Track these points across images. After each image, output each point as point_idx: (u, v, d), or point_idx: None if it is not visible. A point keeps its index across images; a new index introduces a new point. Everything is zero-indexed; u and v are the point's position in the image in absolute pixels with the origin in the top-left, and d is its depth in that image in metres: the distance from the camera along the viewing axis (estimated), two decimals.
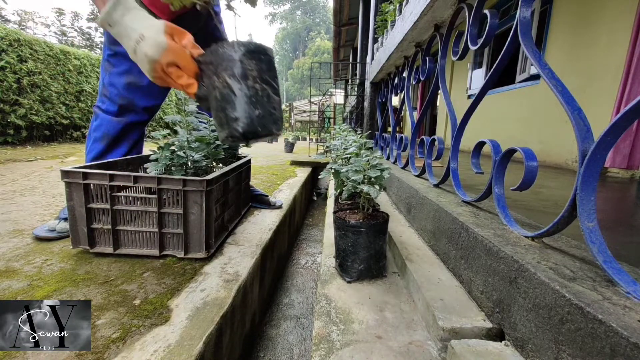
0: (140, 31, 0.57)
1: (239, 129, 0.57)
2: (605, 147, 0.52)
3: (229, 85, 0.56)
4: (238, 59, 0.56)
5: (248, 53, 0.57)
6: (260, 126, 0.58)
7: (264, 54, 0.59)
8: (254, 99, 0.57)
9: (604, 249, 0.51)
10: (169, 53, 0.56)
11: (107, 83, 1.22)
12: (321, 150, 5.46)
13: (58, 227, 1.16)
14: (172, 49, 0.56)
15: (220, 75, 0.56)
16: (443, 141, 1.25)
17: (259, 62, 0.59)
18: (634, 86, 2.21)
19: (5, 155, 3.26)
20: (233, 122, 0.57)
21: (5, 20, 13.28)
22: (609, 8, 2.62)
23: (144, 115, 1.31)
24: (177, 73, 0.58)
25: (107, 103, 1.23)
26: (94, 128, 1.25)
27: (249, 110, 0.57)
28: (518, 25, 0.75)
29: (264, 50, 0.60)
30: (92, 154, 1.24)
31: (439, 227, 0.98)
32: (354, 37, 9.17)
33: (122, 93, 1.22)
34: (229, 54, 0.57)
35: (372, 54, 4.03)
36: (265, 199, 1.72)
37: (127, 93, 1.22)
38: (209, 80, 0.58)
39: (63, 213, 1.22)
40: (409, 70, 1.85)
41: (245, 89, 0.57)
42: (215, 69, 0.57)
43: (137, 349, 0.62)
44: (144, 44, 0.56)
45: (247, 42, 0.57)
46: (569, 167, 2.90)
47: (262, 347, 1.10)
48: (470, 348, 0.55)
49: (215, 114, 0.59)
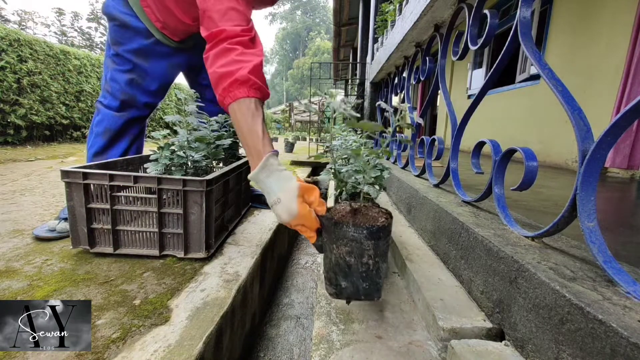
0: (278, 194, 0.66)
1: (344, 295, 0.65)
2: (605, 147, 0.52)
3: (345, 260, 0.63)
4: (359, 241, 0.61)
5: (369, 234, 0.61)
6: (364, 295, 0.65)
7: (383, 231, 0.63)
8: (364, 274, 0.64)
9: (604, 249, 0.51)
10: (298, 218, 0.65)
11: (109, 78, 1.23)
12: (321, 150, 5.46)
13: (58, 227, 1.15)
14: (300, 216, 0.65)
15: (340, 248, 0.63)
16: (443, 141, 1.25)
17: (377, 240, 0.63)
18: (634, 86, 2.21)
19: (5, 155, 3.26)
20: (341, 287, 0.65)
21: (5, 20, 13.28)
22: (609, 8, 2.62)
23: (145, 110, 1.31)
24: (302, 229, 0.68)
25: (109, 98, 1.24)
26: (96, 123, 1.25)
27: (358, 284, 0.64)
28: (518, 25, 0.75)
29: (385, 227, 0.63)
30: (93, 148, 1.25)
31: (439, 227, 0.98)
32: (354, 37, 9.17)
33: (124, 89, 1.22)
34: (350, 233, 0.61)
35: (372, 54, 4.04)
36: (265, 198, 1.72)
37: (128, 89, 1.23)
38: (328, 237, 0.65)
39: (63, 213, 1.22)
40: (409, 70, 1.85)
41: (359, 266, 0.63)
42: (335, 239, 0.63)
43: (137, 349, 0.62)
44: (279, 206, 0.66)
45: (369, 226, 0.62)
46: (569, 167, 2.90)
47: (262, 347, 1.10)
48: (470, 348, 0.55)
49: (328, 266, 0.67)
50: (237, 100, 0.73)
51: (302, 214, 0.65)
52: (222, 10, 0.78)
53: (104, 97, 1.25)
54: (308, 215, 0.66)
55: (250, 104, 0.73)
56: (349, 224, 0.61)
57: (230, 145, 1.39)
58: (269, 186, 0.68)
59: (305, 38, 47.51)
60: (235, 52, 0.76)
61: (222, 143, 1.23)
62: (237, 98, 0.73)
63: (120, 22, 1.16)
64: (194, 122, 1.15)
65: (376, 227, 0.61)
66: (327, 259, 0.67)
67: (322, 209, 0.68)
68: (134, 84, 1.23)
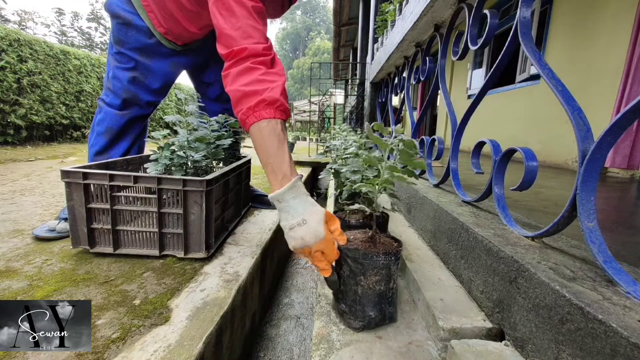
0: (303, 216, 0.64)
1: (372, 325, 0.67)
2: (605, 147, 0.52)
3: (374, 290, 0.65)
4: (388, 267, 0.65)
5: (396, 260, 0.65)
6: (388, 319, 0.69)
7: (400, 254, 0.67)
8: (390, 299, 0.68)
9: (604, 249, 0.51)
10: (322, 243, 0.63)
11: (111, 76, 1.22)
12: (321, 150, 5.46)
13: (58, 227, 1.15)
14: (327, 240, 0.63)
15: (369, 278, 0.64)
16: (443, 141, 1.25)
17: (397, 264, 0.67)
18: (634, 86, 2.21)
19: (5, 155, 3.26)
20: (370, 318, 0.66)
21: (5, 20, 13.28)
22: (609, 8, 2.62)
23: (148, 108, 1.31)
24: (319, 257, 0.65)
25: (111, 96, 1.23)
26: (98, 122, 1.25)
27: (385, 309, 0.68)
28: (518, 25, 0.75)
29: (400, 250, 0.68)
30: (95, 147, 1.24)
31: (439, 227, 0.98)
32: (354, 37, 9.17)
33: (126, 86, 1.22)
34: (381, 262, 0.64)
35: (372, 54, 4.04)
36: (265, 199, 1.72)
37: (131, 87, 1.23)
38: (353, 270, 0.65)
39: (63, 213, 1.21)
40: (409, 70, 1.85)
41: (387, 291, 0.67)
42: (364, 270, 0.64)
43: (137, 349, 0.62)
44: (303, 228, 0.63)
45: (395, 252, 0.65)
46: (569, 167, 2.90)
47: (262, 347, 1.10)
48: (470, 348, 0.55)
49: (353, 300, 0.67)
50: (262, 120, 0.72)
51: (328, 239, 0.64)
52: (242, 27, 0.78)
53: (106, 95, 1.24)
54: (331, 243, 0.65)
55: (277, 125, 0.72)
56: (379, 254, 0.63)
57: (230, 145, 1.39)
58: (294, 207, 0.65)
59: (305, 38, 47.52)
60: (259, 71, 0.75)
61: (222, 143, 1.23)
62: (263, 118, 0.71)
63: (123, 20, 1.16)
64: (194, 122, 1.15)
65: (398, 251, 0.65)
66: (350, 293, 0.67)
67: (343, 239, 0.67)
68: (137, 82, 1.23)
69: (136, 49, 1.20)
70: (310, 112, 6.98)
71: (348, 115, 7.78)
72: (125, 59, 1.21)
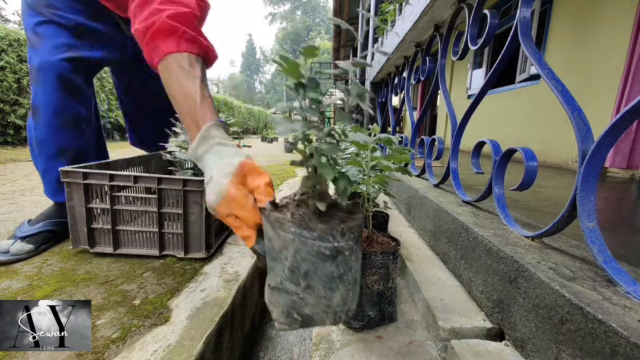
0: (211, 172, 0.51)
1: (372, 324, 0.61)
2: (605, 147, 0.52)
3: (373, 289, 0.59)
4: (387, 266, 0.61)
5: (394, 259, 0.60)
6: (388, 318, 0.66)
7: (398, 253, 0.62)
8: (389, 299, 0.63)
9: (604, 249, 0.51)
10: (227, 203, 0.48)
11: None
12: None
13: (13, 249, 0.94)
14: (230, 199, 0.47)
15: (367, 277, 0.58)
16: (443, 141, 1.25)
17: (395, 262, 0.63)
18: (634, 86, 2.21)
19: (5, 155, 3.26)
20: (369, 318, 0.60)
21: (5, 20, 13.28)
22: (609, 8, 2.62)
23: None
24: (234, 224, 0.49)
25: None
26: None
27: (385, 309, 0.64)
28: (518, 25, 0.75)
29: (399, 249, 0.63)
30: (53, 172, 1.01)
31: (439, 227, 0.98)
32: (354, 37, 9.16)
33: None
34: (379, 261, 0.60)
35: (372, 54, 4.03)
36: None
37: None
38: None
39: (20, 230, 0.99)
40: (409, 70, 1.85)
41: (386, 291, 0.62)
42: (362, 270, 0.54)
43: (137, 349, 0.62)
44: (210, 186, 0.50)
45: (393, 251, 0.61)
46: (569, 167, 2.90)
47: (262, 347, 1.10)
48: (470, 348, 0.55)
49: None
50: (167, 56, 0.59)
51: (233, 197, 0.47)
52: None
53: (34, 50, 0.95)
54: (242, 201, 0.47)
55: (183, 60, 0.59)
56: (377, 253, 0.63)
57: None
58: (207, 164, 0.52)
59: (305, 38, 47.52)
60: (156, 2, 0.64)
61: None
62: (165, 53, 0.59)
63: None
64: None
65: (396, 250, 0.65)
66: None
67: (264, 199, 0.47)
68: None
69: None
70: None
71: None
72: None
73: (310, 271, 0.39)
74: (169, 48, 0.60)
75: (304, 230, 0.39)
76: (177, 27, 0.60)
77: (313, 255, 0.39)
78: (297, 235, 0.39)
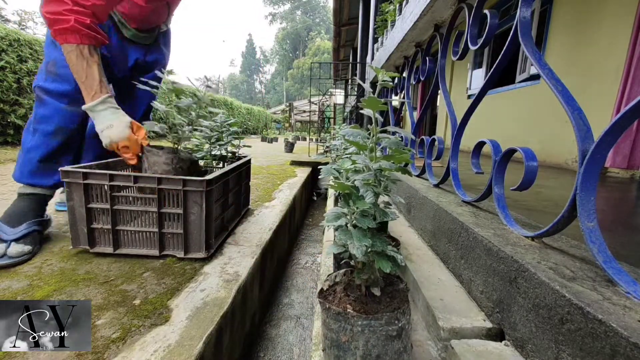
0: (111, 122, 0.92)
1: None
2: (605, 147, 0.52)
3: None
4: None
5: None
6: None
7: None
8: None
9: (604, 249, 0.51)
10: (126, 141, 0.93)
11: (57, 57, 1.00)
12: (321, 150, 5.46)
13: (10, 251, 0.93)
14: (129, 139, 0.94)
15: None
16: (443, 141, 1.25)
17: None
18: (634, 86, 2.21)
19: (5, 155, 3.26)
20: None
21: (5, 20, 13.26)
22: (609, 8, 2.62)
23: None
24: (125, 151, 0.95)
25: (57, 82, 1.00)
26: (40, 118, 1.02)
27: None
28: (518, 25, 0.75)
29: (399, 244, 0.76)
30: (39, 151, 1.04)
31: (439, 227, 0.98)
32: (354, 37, 9.16)
33: None
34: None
35: (372, 54, 4.03)
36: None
37: None
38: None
39: (5, 233, 0.96)
40: (409, 70, 1.85)
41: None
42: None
43: (137, 349, 0.62)
44: (111, 130, 0.92)
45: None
46: (569, 167, 2.90)
47: (262, 347, 1.10)
48: (470, 348, 0.55)
49: None
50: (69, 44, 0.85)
51: (131, 138, 0.93)
52: None
53: (45, 79, 1.00)
54: (135, 140, 0.94)
55: (84, 50, 0.86)
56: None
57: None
58: (103, 115, 0.90)
59: (305, 38, 47.50)
60: (66, 5, 0.84)
61: (222, 143, 1.24)
62: (69, 42, 0.84)
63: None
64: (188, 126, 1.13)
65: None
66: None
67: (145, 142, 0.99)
68: None
69: None
70: (310, 112, 6.98)
71: (348, 115, 7.78)
72: None
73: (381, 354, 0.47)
74: (74, 40, 0.86)
75: (371, 321, 0.46)
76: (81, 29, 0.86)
77: (382, 340, 0.46)
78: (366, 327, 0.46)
